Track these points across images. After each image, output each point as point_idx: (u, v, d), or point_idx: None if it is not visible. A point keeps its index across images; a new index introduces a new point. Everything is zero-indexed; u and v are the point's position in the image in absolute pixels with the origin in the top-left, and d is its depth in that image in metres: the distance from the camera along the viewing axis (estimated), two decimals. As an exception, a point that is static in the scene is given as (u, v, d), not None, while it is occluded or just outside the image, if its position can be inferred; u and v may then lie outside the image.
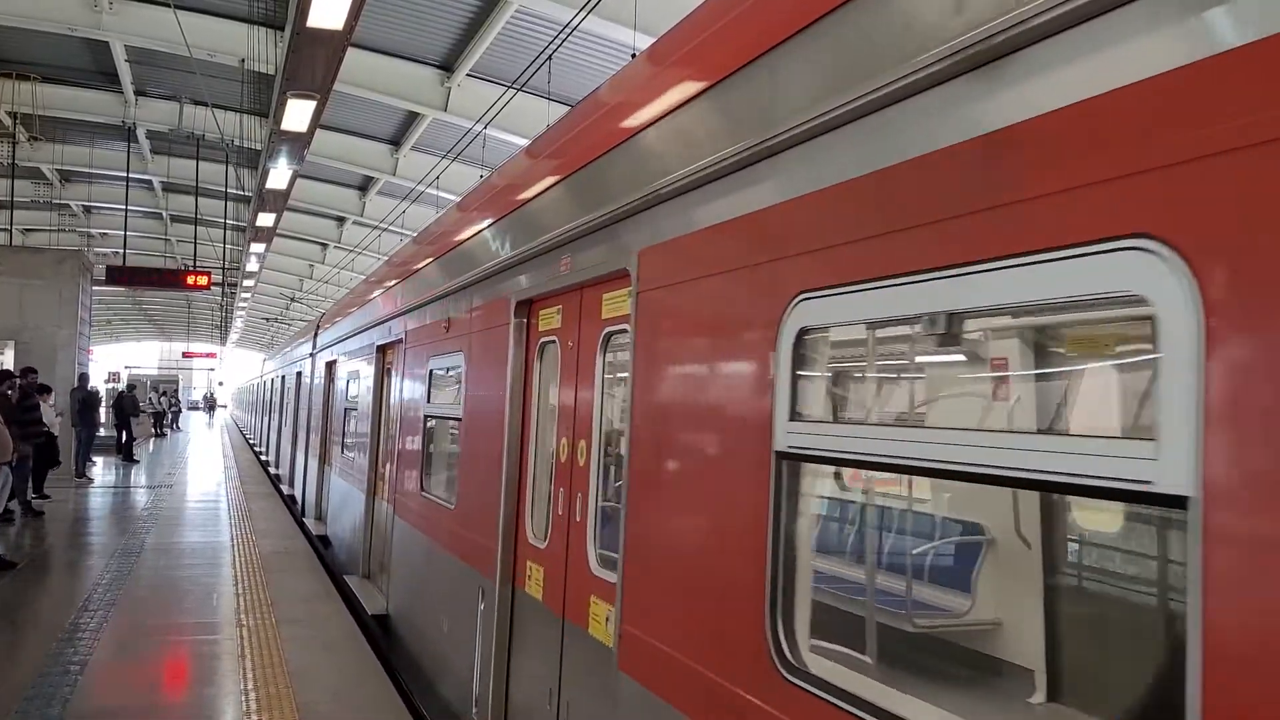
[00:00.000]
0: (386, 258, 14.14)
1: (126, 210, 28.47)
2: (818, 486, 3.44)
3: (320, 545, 14.06)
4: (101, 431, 25.72)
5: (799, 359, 2.82)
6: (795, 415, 2.80)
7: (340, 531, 13.04)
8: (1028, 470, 2.01)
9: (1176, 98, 1.75)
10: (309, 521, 15.61)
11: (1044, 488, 2.13)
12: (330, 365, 14.83)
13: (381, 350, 10.27)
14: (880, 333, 2.90)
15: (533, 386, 5.43)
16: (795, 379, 2.81)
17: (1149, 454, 1.76)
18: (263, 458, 29.94)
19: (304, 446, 17.94)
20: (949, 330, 2.25)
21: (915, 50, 2.36)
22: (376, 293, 11.06)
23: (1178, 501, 1.70)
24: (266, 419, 31.92)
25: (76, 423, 20.69)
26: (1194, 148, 1.70)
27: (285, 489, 20.38)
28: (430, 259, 8.24)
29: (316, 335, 17.24)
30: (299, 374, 20.46)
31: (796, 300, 2.79)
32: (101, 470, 23.52)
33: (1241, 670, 1.59)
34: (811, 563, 2.94)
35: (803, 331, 2.79)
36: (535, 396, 5.39)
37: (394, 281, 9.91)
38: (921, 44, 2.35)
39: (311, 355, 17.54)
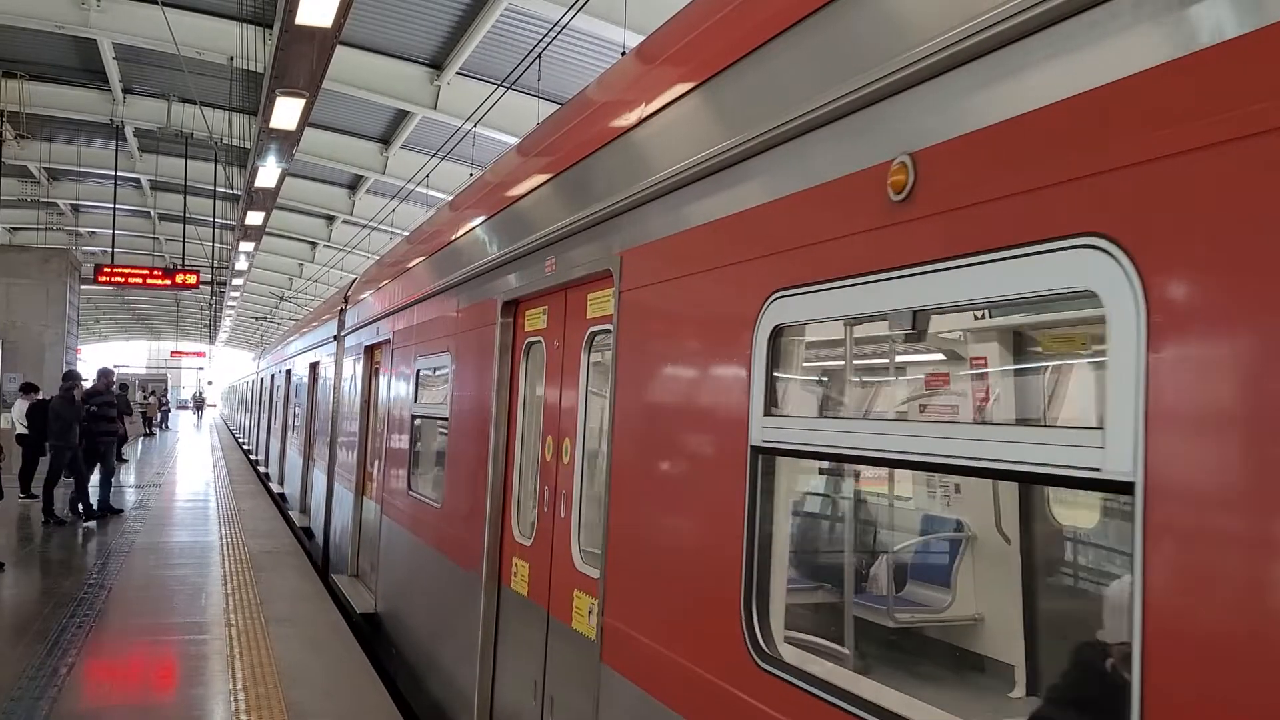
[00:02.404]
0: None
1: (115, 209, 28.33)
2: None
3: (362, 622, 9.18)
4: None
5: None
6: None
7: (425, 632, 7.23)
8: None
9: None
10: (341, 582, 10.57)
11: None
12: (372, 351, 10.38)
13: (515, 311, 5.52)
14: None
15: None
16: None
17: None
18: (261, 469, 25.18)
19: (325, 467, 13.25)
20: None
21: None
22: (503, 201, 5.87)
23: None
24: (267, 424, 25.86)
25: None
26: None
27: (296, 516, 16.03)
28: None
29: (345, 310, 12.63)
30: (314, 365, 15.51)
31: None
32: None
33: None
34: None
35: None
36: None
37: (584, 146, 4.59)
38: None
39: (337, 338, 12.87)
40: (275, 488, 20.26)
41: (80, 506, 15.01)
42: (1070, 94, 1.91)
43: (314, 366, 15.51)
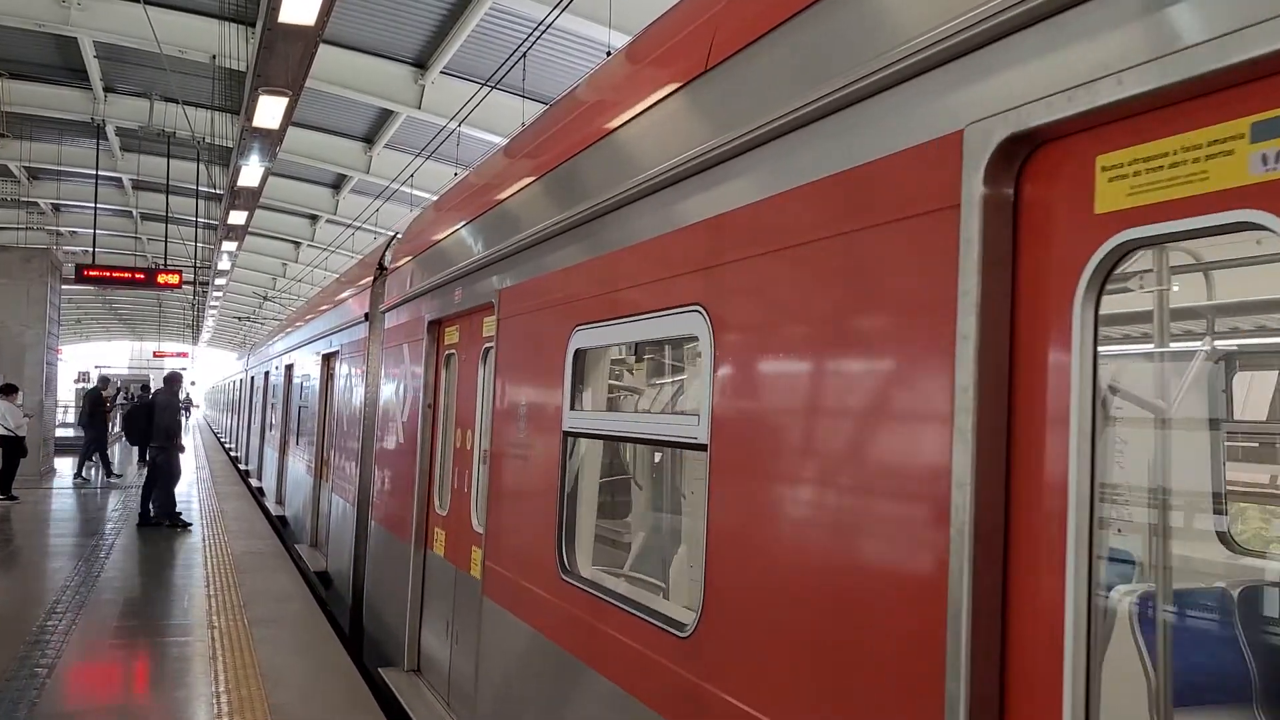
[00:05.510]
0: None
1: (96, 208, 28.15)
2: None
3: None
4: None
5: None
6: None
7: None
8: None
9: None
10: (397, 685, 6.86)
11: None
12: (440, 329, 7.11)
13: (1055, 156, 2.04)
14: None
15: None
16: None
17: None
18: (254, 483, 21.91)
19: (352, 497, 9.86)
20: None
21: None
22: None
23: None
24: (260, 430, 22.39)
25: (85, 424, 21.22)
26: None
27: (305, 552, 12.72)
28: None
29: (383, 279, 9.49)
30: (328, 358, 12.55)
31: None
32: (72, 469, 23.26)
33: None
34: None
35: None
36: None
37: None
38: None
39: (369, 318, 9.77)
40: (273, 508, 17.09)
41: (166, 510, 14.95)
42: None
43: (328, 359, 12.45)
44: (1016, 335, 2.07)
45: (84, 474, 21.75)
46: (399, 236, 9.63)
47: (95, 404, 22.52)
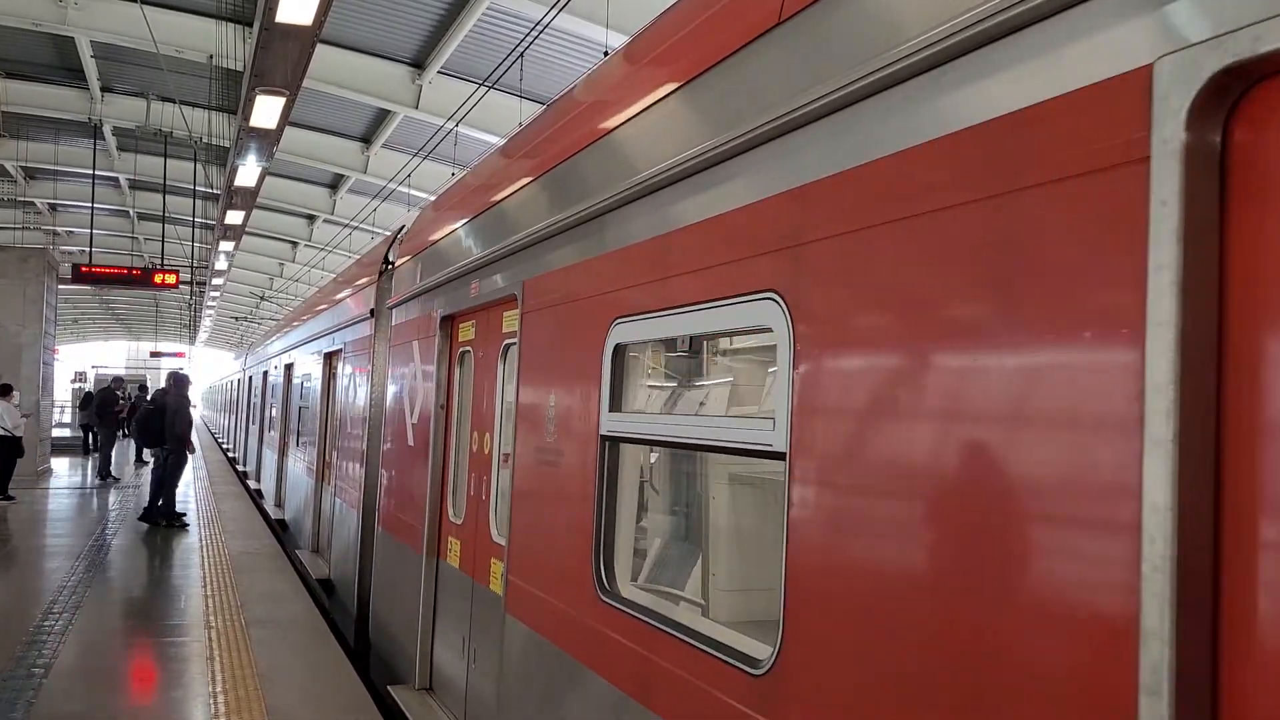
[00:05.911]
0: None
1: (93, 208, 28.13)
2: None
3: None
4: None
5: None
6: None
7: None
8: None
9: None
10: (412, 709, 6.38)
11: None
12: (448, 324, 6.64)
13: None
14: None
15: None
16: None
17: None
18: (252, 484, 21.06)
19: (355, 501, 9.41)
20: None
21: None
22: None
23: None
24: (259, 433, 21.47)
25: (94, 423, 21.34)
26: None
27: (306, 557, 12.15)
28: None
29: (390, 271, 9.01)
30: (330, 356, 11.90)
31: None
32: (69, 469, 23.27)
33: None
34: None
35: None
36: None
37: None
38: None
39: (372, 317, 9.35)
40: (272, 510, 16.66)
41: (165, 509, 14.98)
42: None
43: (330, 358, 11.95)
44: (1227, 319, 1.59)
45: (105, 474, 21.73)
46: (406, 229, 8.96)
47: (106, 403, 22.59)
